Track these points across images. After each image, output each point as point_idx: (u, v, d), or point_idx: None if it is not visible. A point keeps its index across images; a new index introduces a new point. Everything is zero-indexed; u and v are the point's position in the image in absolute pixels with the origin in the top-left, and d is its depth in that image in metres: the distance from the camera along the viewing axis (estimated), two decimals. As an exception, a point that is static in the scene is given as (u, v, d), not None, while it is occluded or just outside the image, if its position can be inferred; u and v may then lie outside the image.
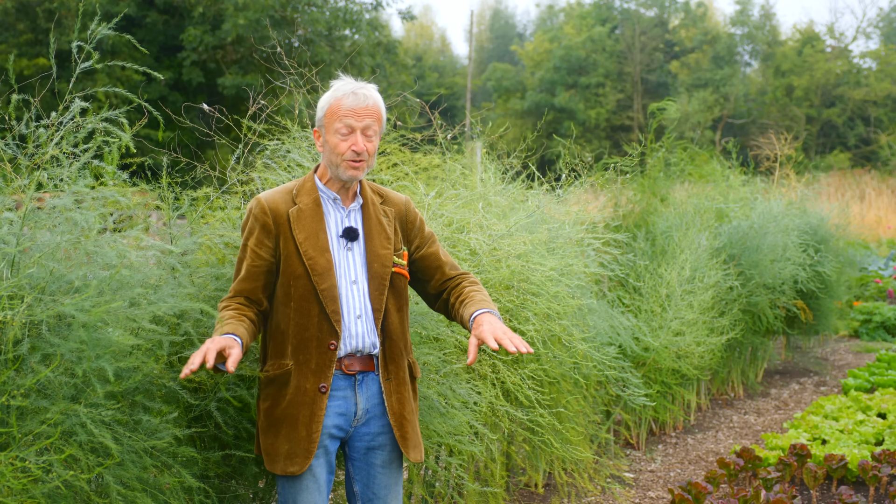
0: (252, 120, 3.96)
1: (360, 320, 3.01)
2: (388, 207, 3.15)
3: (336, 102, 3.00)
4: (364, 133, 2.99)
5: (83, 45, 2.92)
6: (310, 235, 2.99)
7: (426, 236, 3.22)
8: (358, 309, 3.01)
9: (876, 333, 11.48)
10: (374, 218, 3.09)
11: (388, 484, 3.12)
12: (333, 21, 23.32)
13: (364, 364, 3.04)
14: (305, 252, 2.96)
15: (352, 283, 3.02)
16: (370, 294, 3.03)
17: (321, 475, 3.02)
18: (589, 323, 4.95)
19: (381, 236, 3.07)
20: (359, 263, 3.04)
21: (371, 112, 3.00)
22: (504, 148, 5.50)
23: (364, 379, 3.04)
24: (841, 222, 10.08)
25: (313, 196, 3.04)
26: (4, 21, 21.46)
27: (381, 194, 3.18)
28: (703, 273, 6.54)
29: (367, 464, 3.10)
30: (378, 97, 3.05)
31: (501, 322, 2.94)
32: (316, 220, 3.01)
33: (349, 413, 3.03)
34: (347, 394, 3.02)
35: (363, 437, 3.07)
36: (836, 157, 34.42)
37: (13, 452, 2.49)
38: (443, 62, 52.84)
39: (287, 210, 3.01)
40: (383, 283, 3.04)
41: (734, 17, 43.50)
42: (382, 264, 3.05)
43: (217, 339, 2.74)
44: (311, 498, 3.00)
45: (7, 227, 2.73)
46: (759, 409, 7.74)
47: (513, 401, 4.36)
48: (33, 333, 2.62)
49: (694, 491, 4.85)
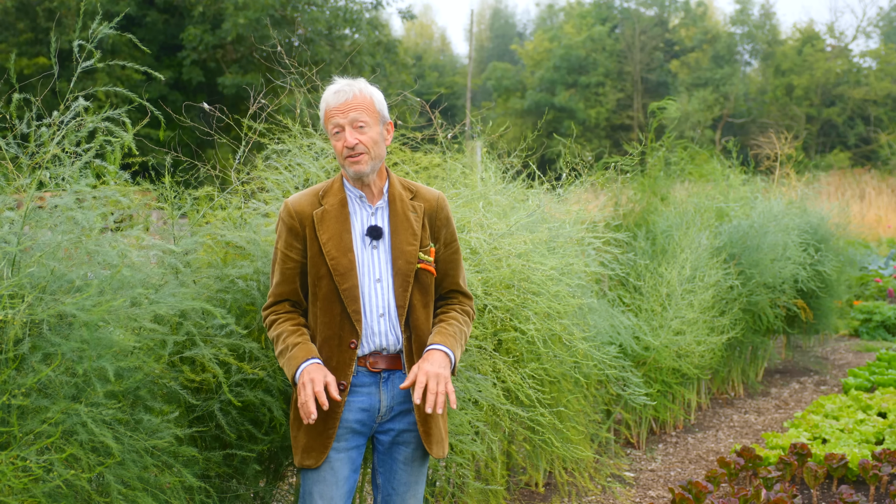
0: (252, 119, 3.96)
1: (383, 318, 3.03)
2: (417, 203, 3.13)
3: (326, 106, 3.05)
4: (353, 126, 2.99)
5: (84, 45, 2.92)
6: (333, 236, 3.01)
7: (449, 242, 3.19)
8: (381, 307, 3.03)
9: (876, 333, 11.48)
10: (401, 214, 3.08)
11: (408, 481, 3.14)
12: (333, 20, 23.31)
13: (390, 363, 3.06)
14: (328, 253, 2.99)
15: (375, 282, 3.03)
16: (395, 291, 3.04)
17: (341, 469, 3.04)
18: (589, 322, 4.95)
19: (407, 232, 3.07)
20: (384, 261, 3.05)
21: (354, 104, 3.00)
22: (504, 147, 5.50)
23: (390, 377, 3.06)
24: (841, 221, 10.08)
25: (339, 196, 3.07)
26: (4, 20, 21.46)
27: (412, 189, 3.17)
28: (704, 272, 6.54)
29: (390, 458, 3.13)
30: (365, 87, 3.05)
31: (446, 368, 2.94)
32: (340, 220, 3.04)
33: (372, 409, 3.05)
34: (372, 390, 3.05)
35: (389, 431, 3.11)
36: (836, 156, 34.41)
37: (14, 451, 2.49)
38: (443, 61, 52.83)
39: (312, 212, 3.04)
40: (408, 279, 3.04)
41: (734, 17, 43.49)
42: (407, 261, 3.05)
43: (315, 376, 2.87)
44: (327, 490, 3.03)
45: (8, 226, 2.73)
46: (759, 409, 7.74)
47: (513, 400, 4.36)
48: (34, 332, 2.62)
49: (694, 490, 4.85)
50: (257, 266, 3.44)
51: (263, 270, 3.44)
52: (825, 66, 37.65)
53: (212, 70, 22.80)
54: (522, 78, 43.40)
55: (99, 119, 2.92)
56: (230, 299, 3.36)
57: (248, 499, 3.44)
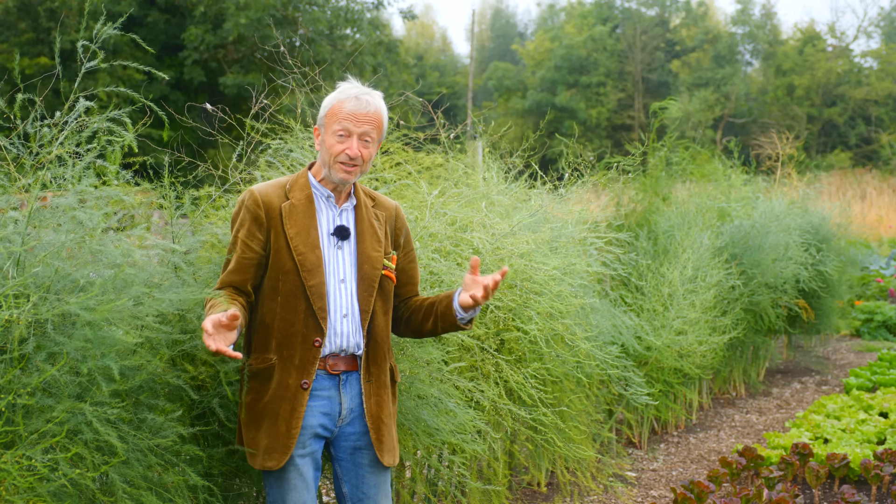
0: (254, 119, 3.96)
1: (346, 319, 3.01)
2: (379, 211, 3.15)
3: (338, 104, 3.01)
4: (361, 139, 2.99)
5: (88, 45, 2.92)
6: (301, 231, 2.98)
7: (409, 251, 3.24)
8: (345, 308, 3.01)
9: (877, 333, 11.48)
10: (367, 220, 3.09)
11: (376, 483, 3.12)
12: (335, 20, 23.31)
13: (348, 364, 3.04)
14: (296, 247, 2.96)
15: (339, 282, 3.02)
16: (358, 295, 3.03)
17: (307, 472, 3.01)
18: (591, 322, 4.95)
19: (372, 238, 3.07)
20: (348, 263, 3.04)
21: (371, 119, 3.00)
22: (506, 147, 5.50)
23: (348, 379, 3.04)
24: (842, 221, 10.08)
25: (306, 192, 3.04)
26: (6, 20, 21.45)
27: (373, 197, 3.18)
28: (706, 272, 6.54)
29: (354, 464, 3.10)
30: (381, 105, 3.05)
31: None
32: (308, 216, 3.01)
33: (333, 413, 3.03)
34: (332, 393, 3.02)
35: (349, 436, 3.07)
36: (838, 156, 34.39)
37: (19, 451, 2.49)
38: (444, 61, 52.80)
39: (280, 204, 3.00)
40: (372, 284, 3.04)
41: (735, 17, 43.47)
42: (373, 266, 3.05)
43: (211, 316, 2.69)
44: (299, 497, 3.00)
45: (12, 226, 2.74)
46: (760, 409, 7.74)
47: (516, 399, 4.36)
48: (38, 332, 2.62)
49: (696, 490, 4.85)
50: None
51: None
52: (826, 66, 37.63)
53: (213, 70, 22.80)
54: (523, 78, 43.39)
55: (101, 119, 2.92)
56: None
57: (251, 497, 3.45)
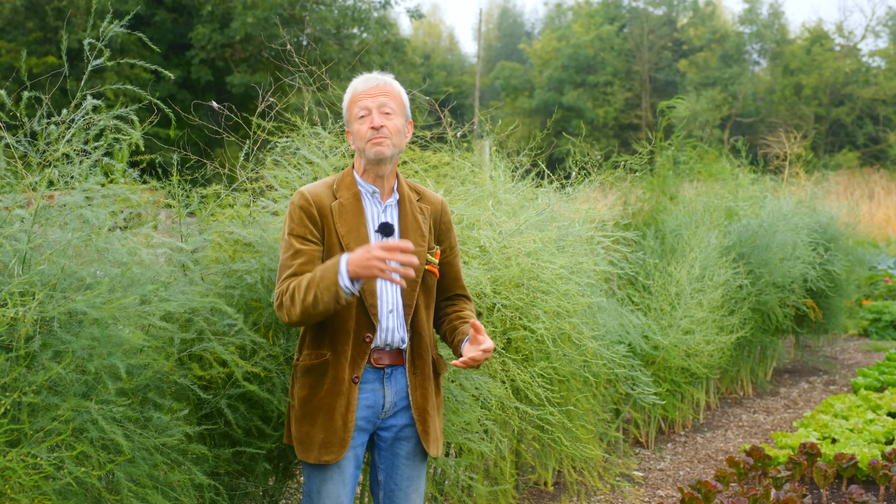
0: (261, 118, 3.96)
1: (392, 315, 3.04)
2: (424, 205, 3.17)
3: (353, 94, 3.07)
4: (380, 111, 3.02)
5: (95, 43, 2.92)
6: (351, 229, 3.01)
7: (453, 245, 3.25)
8: (391, 304, 3.04)
9: (885, 332, 11.45)
10: (410, 214, 3.11)
11: (410, 476, 3.15)
12: (342, 19, 23.34)
13: (393, 358, 3.07)
14: (347, 245, 2.98)
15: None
16: (402, 290, 3.05)
17: (347, 468, 3.04)
18: (598, 321, 4.94)
19: (416, 233, 3.09)
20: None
21: (384, 90, 3.04)
22: (513, 146, 5.49)
23: (393, 373, 3.07)
24: (850, 221, 10.05)
25: (353, 191, 3.07)
26: (14, 19, 21.52)
27: (419, 192, 3.20)
28: (713, 271, 6.52)
29: (392, 454, 3.13)
30: (394, 81, 3.10)
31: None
32: (356, 213, 3.04)
33: (377, 406, 3.06)
34: (376, 386, 3.05)
35: (391, 427, 3.11)
36: (845, 155, 34.32)
37: (25, 449, 2.49)
38: (451, 61, 52.80)
39: (329, 203, 3.03)
40: (416, 279, 3.06)
41: (743, 16, 43.42)
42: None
43: (366, 249, 2.76)
44: (335, 489, 3.03)
45: (19, 223, 2.74)
46: (768, 408, 7.72)
47: (522, 398, 4.35)
48: (45, 330, 2.62)
49: (704, 489, 4.84)
50: (263, 262, 3.44)
51: (269, 266, 3.44)
52: (834, 66, 37.55)
53: (220, 69, 22.84)
54: (531, 77, 43.37)
55: (109, 117, 2.92)
56: (237, 295, 3.36)
57: (257, 496, 3.44)
